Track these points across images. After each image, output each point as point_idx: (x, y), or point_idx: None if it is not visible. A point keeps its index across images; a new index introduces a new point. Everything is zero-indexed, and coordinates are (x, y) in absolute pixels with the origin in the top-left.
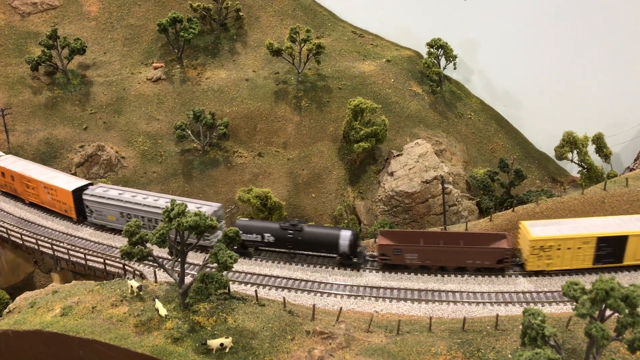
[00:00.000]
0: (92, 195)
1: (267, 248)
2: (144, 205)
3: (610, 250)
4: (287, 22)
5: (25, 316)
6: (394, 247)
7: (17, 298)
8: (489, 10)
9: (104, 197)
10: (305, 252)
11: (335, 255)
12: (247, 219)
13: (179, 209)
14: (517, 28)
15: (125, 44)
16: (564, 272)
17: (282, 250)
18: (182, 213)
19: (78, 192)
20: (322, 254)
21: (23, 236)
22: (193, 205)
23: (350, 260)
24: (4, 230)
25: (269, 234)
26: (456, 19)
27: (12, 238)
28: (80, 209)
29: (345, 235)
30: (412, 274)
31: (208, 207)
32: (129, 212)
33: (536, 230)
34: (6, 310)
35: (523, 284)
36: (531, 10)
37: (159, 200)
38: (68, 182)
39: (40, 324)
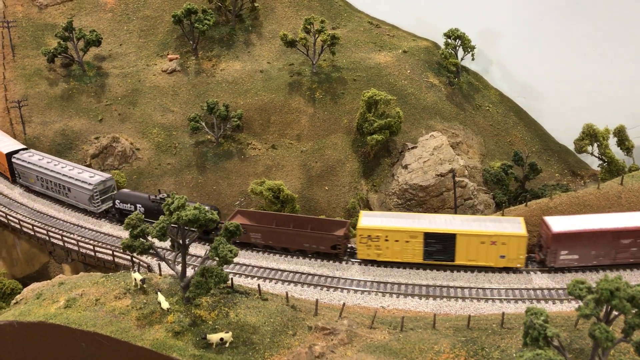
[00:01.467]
0: (18, 159)
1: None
2: (55, 172)
3: (439, 247)
4: (302, 12)
5: (31, 307)
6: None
7: (25, 289)
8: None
9: (27, 162)
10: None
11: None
12: (128, 190)
13: (179, 202)
14: (537, 18)
15: (140, 36)
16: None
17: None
18: (182, 207)
19: (10, 156)
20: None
21: (35, 227)
22: (87, 174)
23: (208, 234)
24: (17, 221)
25: (140, 205)
26: (475, 8)
27: (25, 229)
28: (12, 171)
29: None
30: (420, 269)
31: (99, 177)
32: (43, 177)
33: (366, 219)
34: (13, 301)
35: (535, 280)
36: (552, 0)
37: (73, 170)
38: (6, 146)
39: (44, 316)
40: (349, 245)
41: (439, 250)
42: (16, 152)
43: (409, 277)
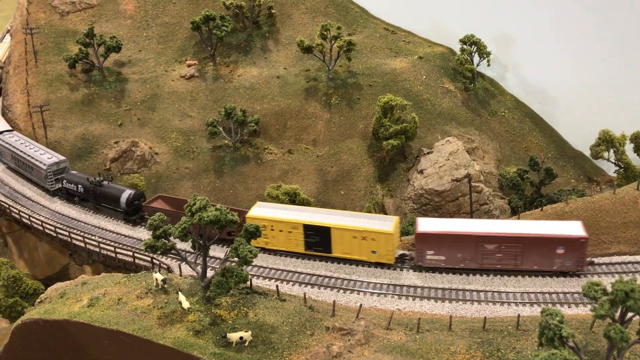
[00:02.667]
0: (1, 140)
1: (82, 197)
2: (23, 152)
3: (318, 239)
4: (319, 19)
5: (55, 306)
6: (152, 208)
7: (49, 289)
8: (524, 5)
9: (6, 142)
10: (103, 205)
11: (120, 210)
12: (75, 172)
13: (201, 203)
14: (553, 23)
15: (159, 42)
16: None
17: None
18: (203, 208)
19: None
20: (112, 207)
21: (57, 229)
22: (45, 156)
23: (129, 216)
24: (39, 223)
25: (80, 186)
26: (490, 14)
27: (47, 231)
28: None
29: (125, 194)
30: (437, 273)
31: (55, 159)
32: (15, 156)
33: (256, 210)
34: (38, 300)
35: (550, 284)
36: (568, 5)
37: (37, 152)
38: None
39: (68, 314)
40: None
41: (317, 242)
42: (1, 132)
43: (425, 280)
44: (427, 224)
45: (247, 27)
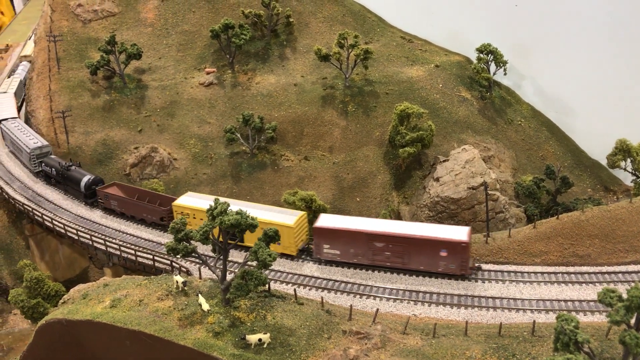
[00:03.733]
0: (4, 126)
1: (56, 179)
2: (16, 136)
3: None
4: (336, 28)
5: (78, 307)
6: (104, 193)
7: (71, 290)
8: (541, 14)
9: (8, 128)
10: (69, 187)
11: (81, 193)
12: (54, 157)
13: (222, 207)
14: (570, 32)
15: (179, 50)
16: None
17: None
18: (224, 212)
19: (0, 122)
20: (75, 189)
21: (79, 232)
22: (31, 140)
23: (87, 198)
24: (62, 226)
25: (54, 169)
26: (507, 23)
27: (69, 234)
28: (3, 135)
29: (85, 179)
30: (452, 280)
31: (39, 143)
32: (12, 140)
33: (182, 198)
34: (61, 300)
35: (565, 292)
36: (584, 13)
37: (25, 136)
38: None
39: (91, 315)
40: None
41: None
42: (6, 119)
43: (440, 286)
44: (325, 220)
45: (265, 35)
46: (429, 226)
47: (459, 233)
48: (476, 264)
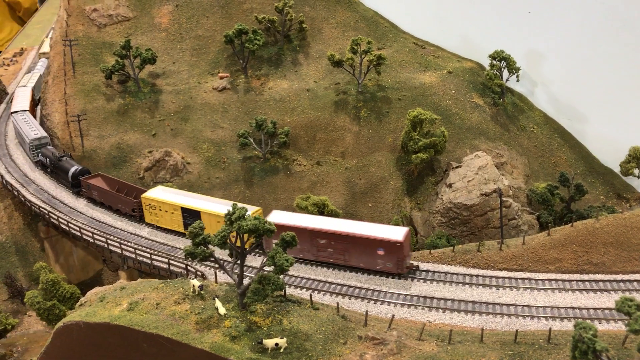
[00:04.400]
0: (15, 118)
1: (50, 169)
2: (21, 128)
3: (192, 221)
4: (349, 33)
5: (96, 309)
6: (87, 183)
7: (88, 292)
8: (554, 21)
9: (17, 120)
10: (59, 176)
11: (68, 181)
12: (51, 147)
13: (240, 212)
14: (583, 39)
15: (193, 54)
16: None
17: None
18: (242, 217)
19: (11, 114)
20: (64, 179)
21: (95, 235)
22: (32, 132)
23: (74, 187)
24: (78, 229)
25: (48, 159)
26: (520, 30)
27: (85, 237)
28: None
29: (72, 169)
30: (467, 286)
31: (37, 134)
32: (18, 132)
33: (151, 191)
34: (78, 303)
35: (580, 299)
36: (597, 21)
37: (28, 128)
38: (15, 105)
39: (108, 317)
40: None
41: (192, 223)
42: (16, 112)
43: (454, 293)
44: (275, 216)
45: (278, 40)
46: (368, 225)
47: (396, 233)
48: (414, 264)
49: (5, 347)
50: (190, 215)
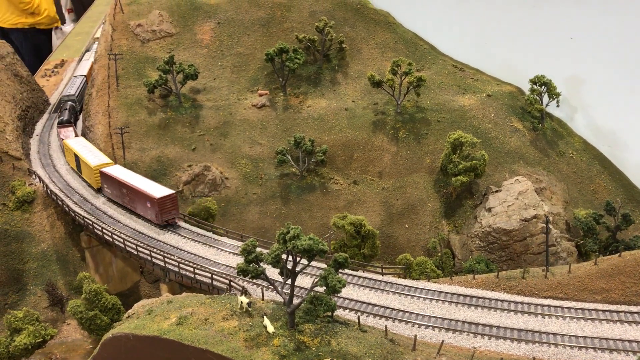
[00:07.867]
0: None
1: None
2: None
3: (78, 163)
4: (388, 54)
5: (144, 322)
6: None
7: (135, 305)
8: (596, 47)
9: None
10: None
11: None
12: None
13: (294, 232)
14: (624, 65)
15: (233, 71)
16: None
17: None
18: (297, 236)
19: None
20: None
21: (138, 247)
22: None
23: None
24: (121, 240)
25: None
26: (561, 55)
27: (128, 248)
28: None
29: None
30: (512, 313)
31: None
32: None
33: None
34: (125, 315)
35: (629, 332)
36: (638, 47)
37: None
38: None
39: (158, 331)
40: None
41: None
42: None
43: (500, 319)
44: (111, 168)
45: (317, 60)
46: (147, 182)
47: (160, 191)
48: (174, 220)
49: (44, 355)
50: (78, 159)
